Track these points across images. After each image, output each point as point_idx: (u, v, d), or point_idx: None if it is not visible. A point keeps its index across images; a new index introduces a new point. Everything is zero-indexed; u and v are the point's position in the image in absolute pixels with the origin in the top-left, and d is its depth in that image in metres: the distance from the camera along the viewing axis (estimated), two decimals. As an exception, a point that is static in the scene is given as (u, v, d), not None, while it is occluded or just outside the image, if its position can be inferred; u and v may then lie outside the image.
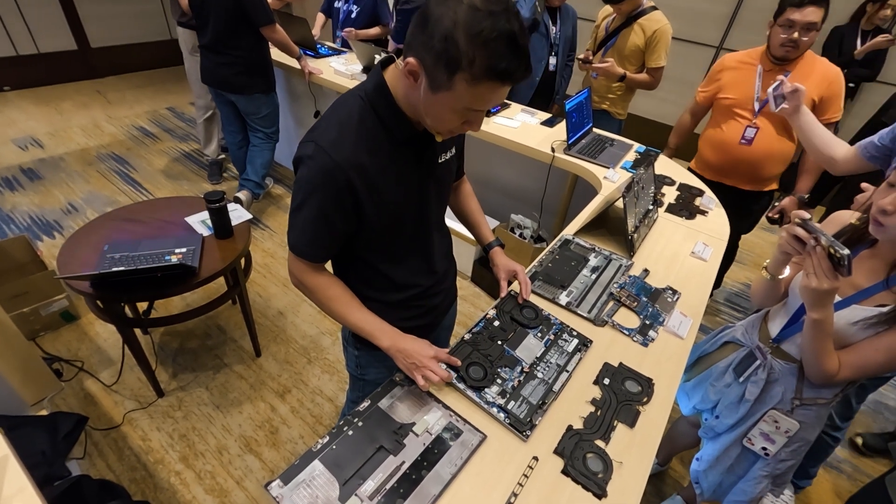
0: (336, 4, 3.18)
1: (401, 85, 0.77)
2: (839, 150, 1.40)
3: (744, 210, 2.05)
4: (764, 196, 2.02)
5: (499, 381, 0.94)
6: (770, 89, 1.44)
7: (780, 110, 1.44)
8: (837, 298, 0.97)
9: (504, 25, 0.63)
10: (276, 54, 2.72)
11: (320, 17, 3.34)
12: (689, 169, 2.12)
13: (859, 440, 1.94)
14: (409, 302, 1.02)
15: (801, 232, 0.88)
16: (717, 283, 2.58)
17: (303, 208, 0.81)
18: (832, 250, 0.81)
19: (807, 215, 0.89)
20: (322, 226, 0.83)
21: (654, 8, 2.28)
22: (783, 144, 1.84)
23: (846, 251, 0.79)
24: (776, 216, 1.94)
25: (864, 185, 1.28)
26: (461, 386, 0.92)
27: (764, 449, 1.16)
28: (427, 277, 1.03)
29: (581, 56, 2.38)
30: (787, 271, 1.05)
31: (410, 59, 0.69)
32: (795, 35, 1.64)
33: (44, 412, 1.42)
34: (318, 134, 0.78)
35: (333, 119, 0.80)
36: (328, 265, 0.96)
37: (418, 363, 0.88)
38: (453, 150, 0.97)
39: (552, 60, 2.59)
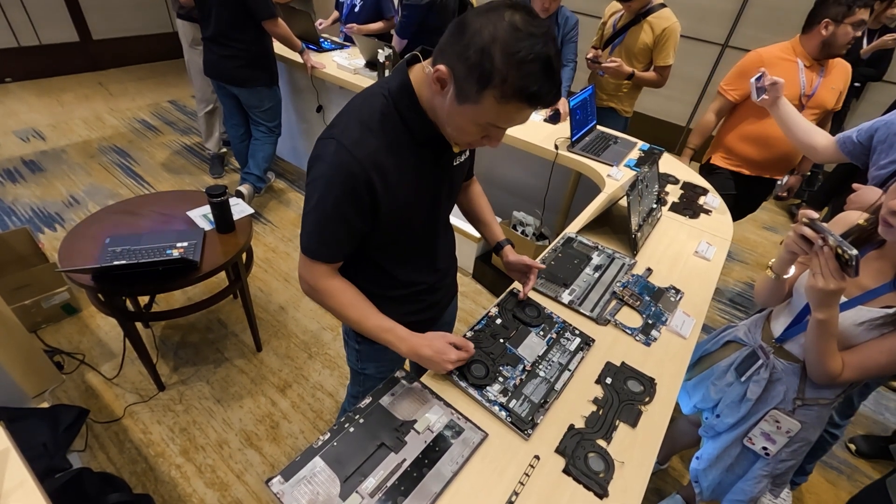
0: (341, -2, 3.17)
1: (426, 88, 0.76)
2: (820, 139, 1.46)
3: (763, 195, 2.14)
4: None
5: (500, 379, 0.94)
6: (752, 80, 1.49)
7: (761, 101, 1.50)
8: (843, 299, 0.97)
9: (542, 49, 0.63)
10: (278, 48, 2.70)
11: (335, 14, 3.32)
12: (709, 164, 2.10)
13: (852, 447, 1.93)
14: (410, 297, 1.02)
15: (808, 231, 0.87)
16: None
17: (319, 207, 0.80)
18: (840, 250, 0.81)
19: (815, 214, 0.88)
20: (339, 225, 0.81)
21: (663, 5, 2.26)
22: None
23: (854, 251, 0.78)
24: (784, 194, 2.08)
25: (855, 185, 1.28)
26: (463, 384, 0.92)
27: (764, 449, 1.16)
28: (430, 275, 1.03)
29: (589, 55, 2.35)
30: (792, 271, 1.05)
31: (441, 67, 0.68)
32: (859, 34, 1.70)
33: (45, 404, 1.42)
34: (340, 131, 0.77)
35: (355, 116, 0.78)
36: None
37: (443, 369, 0.88)
38: (468, 153, 0.97)
39: None
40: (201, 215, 1.75)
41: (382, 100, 0.79)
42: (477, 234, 1.21)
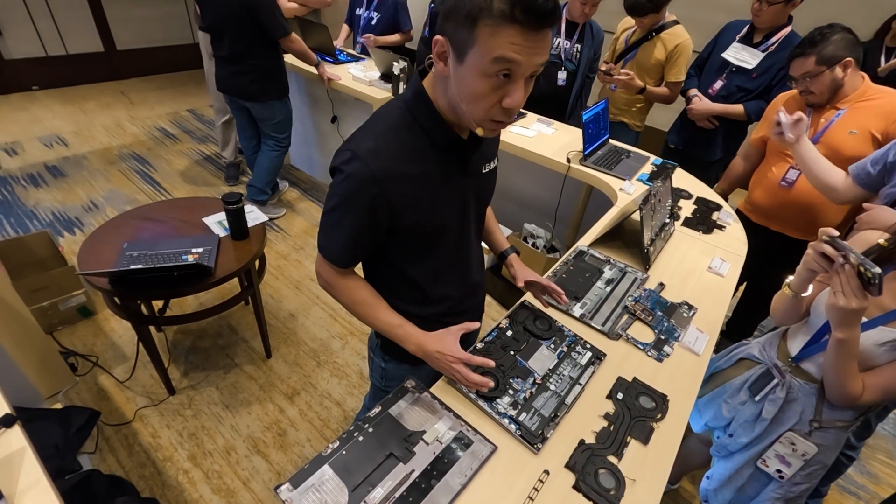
0: (357, 11, 3.23)
1: (439, 88, 0.77)
2: (838, 177, 1.38)
3: (794, 262, 1.84)
4: None
5: (511, 391, 0.94)
6: (775, 119, 1.41)
7: (787, 140, 1.40)
8: (864, 319, 0.95)
9: None
10: (294, 59, 2.76)
11: (345, 29, 3.37)
12: (737, 211, 1.88)
13: None
14: (437, 318, 0.98)
15: (828, 249, 0.86)
16: (749, 329, 2.18)
17: (334, 213, 0.81)
18: (862, 269, 0.80)
19: (834, 232, 0.87)
20: (352, 234, 0.82)
21: (676, 22, 2.27)
22: None
23: (877, 269, 0.77)
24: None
25: (865, 205, 1.25)
26: (472, 395, 0.91)
27: (779, 471, 1.13)
28: (460, 288, 1.01)
29: (602, 68, 2.36)
30: (810, 289, 1.03)
31: (437, 37, 0.70)
32: (795, 89, 1.59)
33: (58, 405, 1.44)
34: (356, 143, 0.77)
35: (371, 128, 0.79)
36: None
37: (448, 371, 0.88)
38: (496, 162, 0.96)
39: (561, 75, 2.50)
40: (216, 222, 1.78)
41: (399, 110, 0.80)
42: (485, 246, 1.20)
